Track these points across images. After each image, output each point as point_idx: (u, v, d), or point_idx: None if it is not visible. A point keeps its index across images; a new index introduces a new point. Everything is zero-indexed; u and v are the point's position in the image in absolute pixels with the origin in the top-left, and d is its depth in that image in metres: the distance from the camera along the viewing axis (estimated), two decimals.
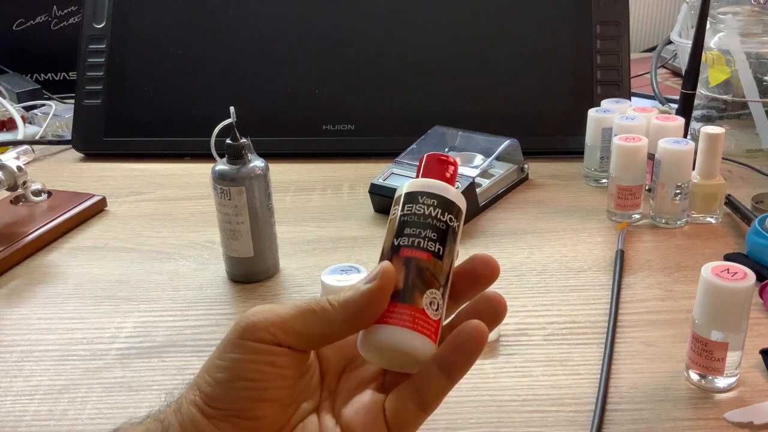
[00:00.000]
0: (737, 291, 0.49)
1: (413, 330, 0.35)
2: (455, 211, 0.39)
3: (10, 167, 0.79)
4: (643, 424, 0.49)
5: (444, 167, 0.41)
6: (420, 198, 0.39)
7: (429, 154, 0.42)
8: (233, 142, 0.64)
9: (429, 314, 0.36)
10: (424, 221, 0.38)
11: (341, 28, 1.02)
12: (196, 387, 0.36)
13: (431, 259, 0.37)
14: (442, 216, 0.38)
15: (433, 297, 0.36)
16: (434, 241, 0.37)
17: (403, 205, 0.39)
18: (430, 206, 0.38)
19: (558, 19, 1.00)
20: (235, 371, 0.35)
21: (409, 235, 0.37)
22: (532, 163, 0.91)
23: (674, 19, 1.16)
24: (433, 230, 0.38)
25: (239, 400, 0.35)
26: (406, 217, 0.38)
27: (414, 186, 0.40)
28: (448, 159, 0.41)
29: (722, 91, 0.97)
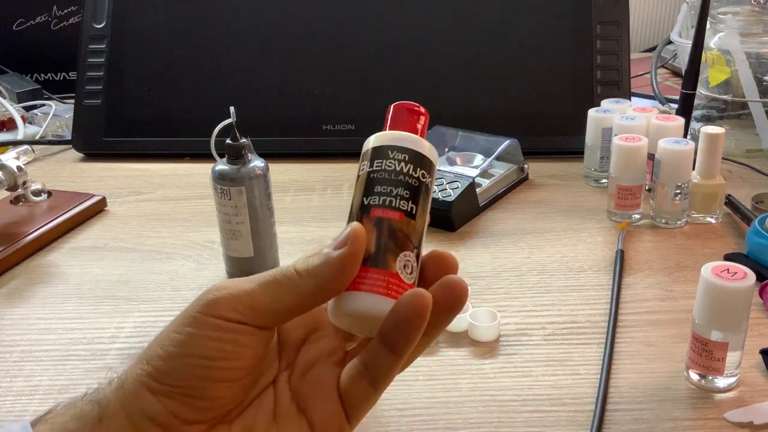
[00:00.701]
0: (737, 291, 0.49)
1: (387, 296, 0.33)
2: (427, 166, 0.36)
3: (10, 167, 0.79)
4: (643, 424, 0.49)
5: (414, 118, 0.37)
6: (390, 153, 0.36)
7: (397, 104, 0.38)
8: (233, 142, 0.64)
9: (403, 278, 0.34)
10: (395, 178, 0.35)
11: (341, 28, 1.02)
12: (145, 360, 0.33)
13: (404, 219, 0.34)
14: (414, 172, 0.35)
15: (407, 260, 0.34)
16: (407, 199, 0.35)
17: (372, 160, 0.36)
18: (401, 161, 0.35)
19: (558, 19, 1.00)
20: (192, 346, 0.32)
21: (380, 194, 0.35)
22: (532, 163, 0.91)
23: (674, 19, 1.16)
24: (405, 188, 0.35)
25: (192, 378, 0.32)
26: (375, 174, 0.35)
27: (383, 139, 0.36)
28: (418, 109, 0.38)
29: (722, 91, 0.97)
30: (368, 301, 0.33)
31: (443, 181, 0.79)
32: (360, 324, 0.34)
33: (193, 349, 0.32)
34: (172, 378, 0.32)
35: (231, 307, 0.32)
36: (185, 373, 0.32)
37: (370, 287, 0.33)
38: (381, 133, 0.37)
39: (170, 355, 0.32)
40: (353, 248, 0.33)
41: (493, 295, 0.65)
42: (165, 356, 0.32)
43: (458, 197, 0.76)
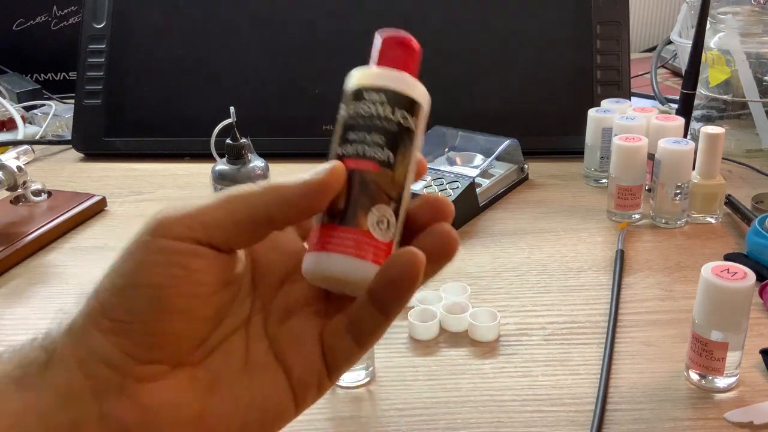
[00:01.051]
0: (737, 291, 0.49)
1: (356, 256, 0.30)
2: (410, 107, 0.32)
3: (10, 167, 0.79)
4: (643, 424, 0.49)
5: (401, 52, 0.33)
6: (365, 94, 0.32)
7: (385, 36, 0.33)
8: (233, 142, 0.64)
9: (376, 235, 0.31)
10: (370, 123, 0.31)
11: (341, 28, 1.02)
12: (93, 296, 0.30)
13: (379, 170, 0.31)
14: (391, 114, 0.31)
15: (382, 215, 0.31)
16: (381, 146, 0.31)
17: (347, 104, 0.32)
18: (376, 103, 0.32)
19: (558, 19, 0.99)
20: (139, 275, 0.29)
21: (353, 141, 0.31)
22: (532, 163, 0.91)
23: (674, 19, 1.16)
24: (381, 133, 0.31)
25: (143, 311, 0.29)
26: (350, 120, 0.32)
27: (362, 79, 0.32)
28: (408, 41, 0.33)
29: (722, 91, 0.97)
30: (336, 262, 0.31)
31: (443, 181, 0.79)
32: (332, 284, 0.32)
33: (141, 278, 0.29)
34: (120, 312, 0.29)
35: (183, 224, 0.29)
36: (134, 305, 0.29)
37: (337, 247, 0.31)
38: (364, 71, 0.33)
39: (117, 286, 0.29)
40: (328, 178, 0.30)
41: (493, 295, 0.65)
42: (112, 288, 0.29)
43: (458, 197, 0.76)
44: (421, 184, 0.79)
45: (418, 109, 0.33)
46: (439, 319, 0.59)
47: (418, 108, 0.33)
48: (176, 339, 0.30)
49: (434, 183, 0.79)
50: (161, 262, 0.29)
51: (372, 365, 0.54)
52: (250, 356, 0.32)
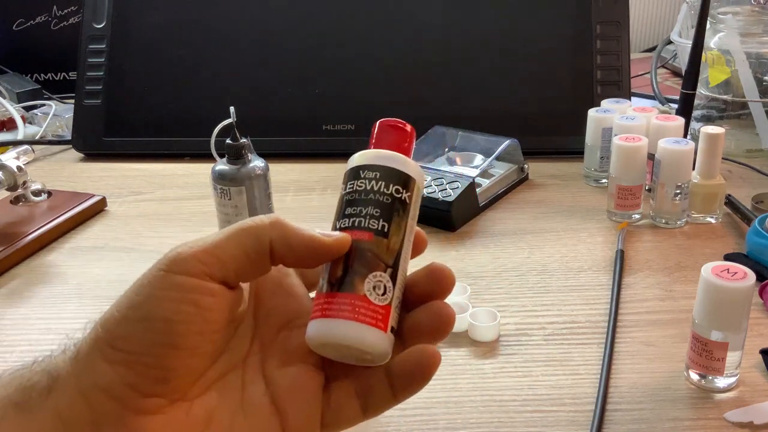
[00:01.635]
0: (737, 291, 0.49)
1: (354, 321, 0.32)
2: (403, 182, 0.35)
3: (10, 167, 0.79)
4: (643, 424, 0.49)
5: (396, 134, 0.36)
6: (362, 173, 0.35)
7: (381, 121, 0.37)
8: (233, 142, 0.64)
9: (373, 300, 0.32)
10: (366, 197, 0.34)
11: (341, 28, 1.02)
12: (100, 326, 0.30)
13: (374, 239, 0.33)
14: (385, 189, 0.34)
15: (378, 281, 0.33)
16: (377, 217, 0.33)
17: (346, 183, 0.35)
18: (371, 180, 0.34)
19: (558, 19, 1.00)
20: (150, 308, 0.29)
21: (350, 216, 0.34)
22: (532, 163, 0.91)
23: (674, 19, 1.16)
24: (375, 206, 0.34)
25: (150, 344, 0.29)
26: (348, 196, 0.34)
27: (360, 160, 0.35)
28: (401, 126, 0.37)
29: (722, 91, 0.97)
30: (335, 327, 0.32)
31: (443, 181, 0.79)
32: (332, 350, 0.33)
33: (152, 312, 0.29)
34: (129, 343, 0.29)
35: (196, 259, 0.30)
36: (142, 338, 0.29)
37: (336, 312, 0.32)
38: (361, 153, 0.36)
39: (127, 318, 0.30)
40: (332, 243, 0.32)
41: (493, 295, 0.65)
42: (121, 319, 0.30)
43: (458, 197, 0.76)
44: None
45: (411, 184, 0.35)
46: None
47: (412, 182, 0.35)
48: (179, 374, 0.30)
49: (434, 183, 0.79)
50: (174, 297, 0.30)
51: None
52: (246, 396, 0.33)
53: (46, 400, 0.29)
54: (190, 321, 0.30)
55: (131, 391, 0.29)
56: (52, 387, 0.30)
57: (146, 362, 0.29)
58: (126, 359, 0.29)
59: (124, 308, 0.30)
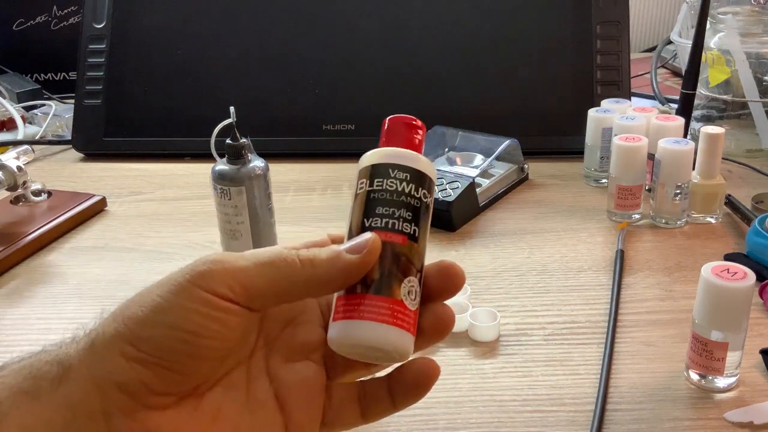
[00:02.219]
0: (737, 291, 0.49)
1: (393, 325, 0.32)
2: (428, 185, 0.35)
3: (10, 167, 0.79)
4: (643, 424, 0.49)
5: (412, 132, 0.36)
6: (391, 171, 0.34)
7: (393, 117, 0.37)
8: (233, 142, 0.64)
9: (408, 305, 0.32)
10: (398, 199, 0.34)
11: (342, 29, 1.02)
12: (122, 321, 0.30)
13: (407, 243, 0.33)
14: (415, 192, 0.34)
15: (411, 286, 0.33)
16: (409, 221, 0.33)
17: (371, 178, 0.34)
18: (402, 181, 0.34)
19: (558, 19, 1.00)
20: (177, 318, 0.30)
21: (382, 216, 0.33)
22: (532, 163, 0.91)
23: (674, 19, 1.16)
24: (408, 209, 0.34)
25: (172, 352, 0.30)
26: (376, 194, 0.34)
27: (381, 156, 0.35)
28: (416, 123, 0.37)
29: (722, 91, 0.97)
30: (374, 331, 0.32)
31: (443, 181, 0.79)
32: (364, 353, 0.33)
33: (179, 322, 0.30)
34: (151, 347, 0.30)
35: (225, 283, 0.31)
36: (166, 345, 0.30)
37: (372, 315, 0.32)
38: (379, 150, 0.36)
39: (152, 322, 0.30)
40: (366, 258, 0.32)
41: (493, 295, 0.65)
42: (146, 321, 0.30)
43: (458, 197, 0.76)
44: None
45: (433, 186, 0.36)
46: None
47: (433, 185, 0.36)
48: (193, 378, 0.31)
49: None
50: (201, 312, 0.30)
51: None
52: (251, 392, 0.33)
53: (56, 390, 0.29)
54: (212, 337, 0.30)
55: (145, 389, 0.30)
56: (63, 376, 0.30)
57: (165, 366, 0.30)
58: (145, 359, 0.30)
59: (150, 311, 0.30)
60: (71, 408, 0.29)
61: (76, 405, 0.29)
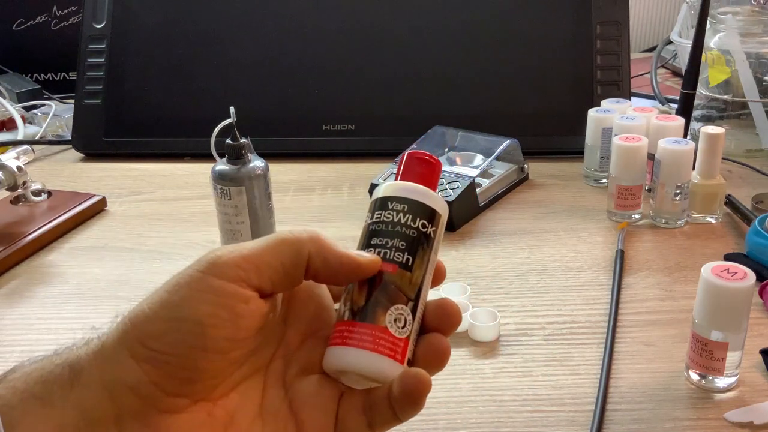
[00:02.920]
0: (737, 291, 0.49)
1: (374, 351, 0.33)
2: (429, 216, 0.36)
3: (10, 167, 0.79)
4: (643, 424, 0.49)
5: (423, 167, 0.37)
6: (389, 204, 0.35)
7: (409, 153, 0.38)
8: (233, 142, 0.64)
9: (393, 332, 0.33)
10: (392, 229, 0.35)
11: (342, 28, 1.02)
12: (129, 321, 0.30)
13: (398, 271, 0.34)
14: (412, 222, 0.35)
15: (399, 313, 0.33)
16: (402, 251, 0.34)
17: (374, 212, 0.36)
18: (399, 212, 0.35)
19: (558, 19, 0.99)
20: (185, 310, 0.29)
21: (376, 246, 0.35)
22: (532, 163, 0.91)
23: (674, 19, 1.16)
24: (402, 239, 0.35)
25: (182, 345, 0.29)
26: (374, 226, 0.35)
27: (387, 190, 0.36)
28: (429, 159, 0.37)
29: (722, 91, 0.97)
30: (355, 356, 0.33)
31: (443, 181, 0.79)
32: (348, 377, 0.34)
33: (185, 313, 0.29)
34: (159, 342, 0.29)
35: (236, 265, 0.30)
36: (173, 338, 0.29)
37: (356, 341, 0.33)
38: (389, 184, 0.37)
39: (159, 317, 0.30)
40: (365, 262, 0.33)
41: (493, 295, 0.65)
42: (153, 317, 0.30)
43: (458, 197, 0.76)
44: None
45: (437, 218, 0.36)
46: None
47: (438, 217, 0.36)
48: (206, 376, 0.30)
49: None
50: (210, 300, 0.30)
51: None
52: (266, 402, 0.33)
53: (69, 394, 0.29)
54: (222, 326, 0.30)
55: (157, 390, 0.29)
56: (75, 381, 0.29)
57: (177, 362, 0.29)
58: (155, 358, 0.29)
59: (157, 306, 0.30)
60: (83, 414, 0.29)
61: (88, 411, 0.29)
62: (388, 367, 0.33)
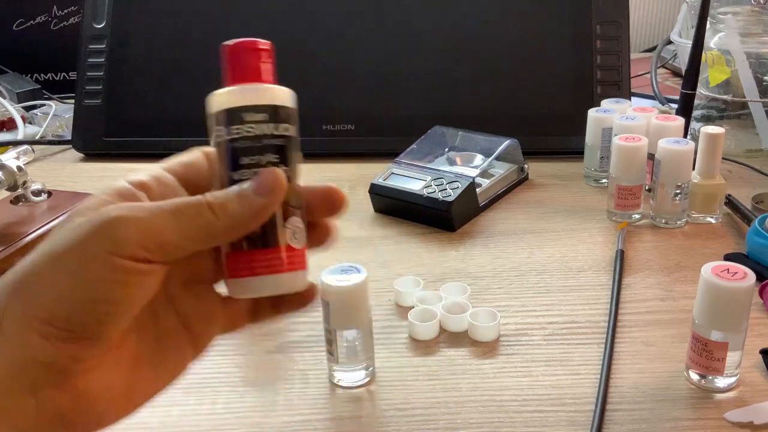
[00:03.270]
0: (737, 291, 0.49)
1: (285, 272, 0.33)
2: (287, 116, 0.33)
3: (10, 167, 0.79)
4: (643, 424, 0.49)
5: (258, 60, 0.34)
6: (246, 116, 0.33)
7: (232, 45, 0.33)
8: None
9: (295, 246, 0.33)
10: (260, 143, 0.32)
11: (341, 28, 1.02)
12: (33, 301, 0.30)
13: None
14: (276, 130, 0.33)
15: (296, 226, 0.33)
16: (277, 164, 0.33)
17: (228, 126, 0.33)
18: (260, 123, 0.32)
19: (558, 19, 1.00)
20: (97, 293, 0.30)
21: (249, 166, 0.32)
22: (532, 163, 0.91)
23: (674, 19, 1.16)
24: (273, 151, 0.33)
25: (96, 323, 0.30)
26: (237, 143, 0.33)
27: (233, 99, 0.33)
28: (260, 46, 0.34)
29: (722, 91, 0.97)
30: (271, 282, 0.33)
31: (443, 181, 0.79)
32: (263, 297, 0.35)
33: (98, 295, 0.30)
34: (71, 323, 0.30)
35: (140, 244, 0.30)
36: (88, 319, 0.30)
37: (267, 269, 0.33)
38: (228, 90, 0.34)
39: (69, 299, 0.30)
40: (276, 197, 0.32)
41: (493, 295, 0.65)
42: (62, 300, 0.30)
43: (458, 197, 0.76)
44: (421, 183, 0.79)
45: (294, 114, 0.34)
46: (439, 319, 0.59)
47: (294, 112, 0.34)
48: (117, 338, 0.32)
49: (434, 183, 0.79)
50: (119, 280, 0.30)
51: (372, 365, 0.54)
52: (160, 325, 0.35)
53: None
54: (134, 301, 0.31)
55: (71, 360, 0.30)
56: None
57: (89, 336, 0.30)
58: (67, 336, 0.30)
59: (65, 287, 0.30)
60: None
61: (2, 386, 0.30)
62: (300, 279, 0.34)
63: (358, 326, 0.52)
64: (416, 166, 0.83)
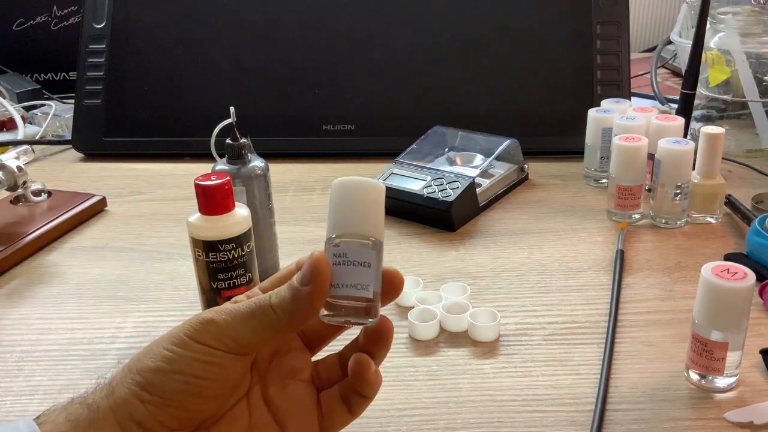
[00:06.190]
0: (737, 291, 0.49)
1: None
2: (248, 238, 0.49)
3: (10, 167, 0.79)
4: (643, 424, 0.49)
5: (220, 196, 0.49)
6: (221, 246, 0.50)
7: (199, 185, 0.47)
8: (233, 142, 0.64)
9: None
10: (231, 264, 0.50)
11: (341, 29, 1.02)
12: (136, 371, 0.36)
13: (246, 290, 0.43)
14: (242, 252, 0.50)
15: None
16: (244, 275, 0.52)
17: (207, 252, 0.49)
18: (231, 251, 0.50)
19: (558, 19, 1.00)
20: (181, 365, 0.36)
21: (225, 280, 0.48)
22: (532, 163, 0.91)
23: (674, 19, 1.16)
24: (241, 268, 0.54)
25: (178, 393, 0.36)
26: (214, 265, 0.49)
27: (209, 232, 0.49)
28: (219, 183, 0.46)
29: (722, 91, 0.97)
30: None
31: (443, 181, 0.79)
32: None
33: (183, 368, 0.36)
34: (161, 390, 0.36)
35: (217, 339, 0.36)
36: (173, 387, 0.36)
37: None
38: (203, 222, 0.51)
39: (161, 369, 0.36)
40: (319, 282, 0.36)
41: (493, 295, 0.65)
42: (156, 370, 0.36)
43: (458, 197, 0.76)
44: (421, 183, 0.79)
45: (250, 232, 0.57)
46: (439, 319, 0.59)
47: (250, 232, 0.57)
48: (200, 414, 0.37)
49: (434, 183, 0.79)
50: (202, 360, 0.36)
51: None
52: (253, 420, 0.39)
53: (89, 429, 0.36)
54: (215, 377, 0.36)
55: (159, 425, 0.36)
56: (93, 418, 0.36)
57: (176, 406, 0.36)
58: (159, 402, 0.36)
59: (158, 360, 0.36)
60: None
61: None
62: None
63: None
64: (416, 166, 0.83)
